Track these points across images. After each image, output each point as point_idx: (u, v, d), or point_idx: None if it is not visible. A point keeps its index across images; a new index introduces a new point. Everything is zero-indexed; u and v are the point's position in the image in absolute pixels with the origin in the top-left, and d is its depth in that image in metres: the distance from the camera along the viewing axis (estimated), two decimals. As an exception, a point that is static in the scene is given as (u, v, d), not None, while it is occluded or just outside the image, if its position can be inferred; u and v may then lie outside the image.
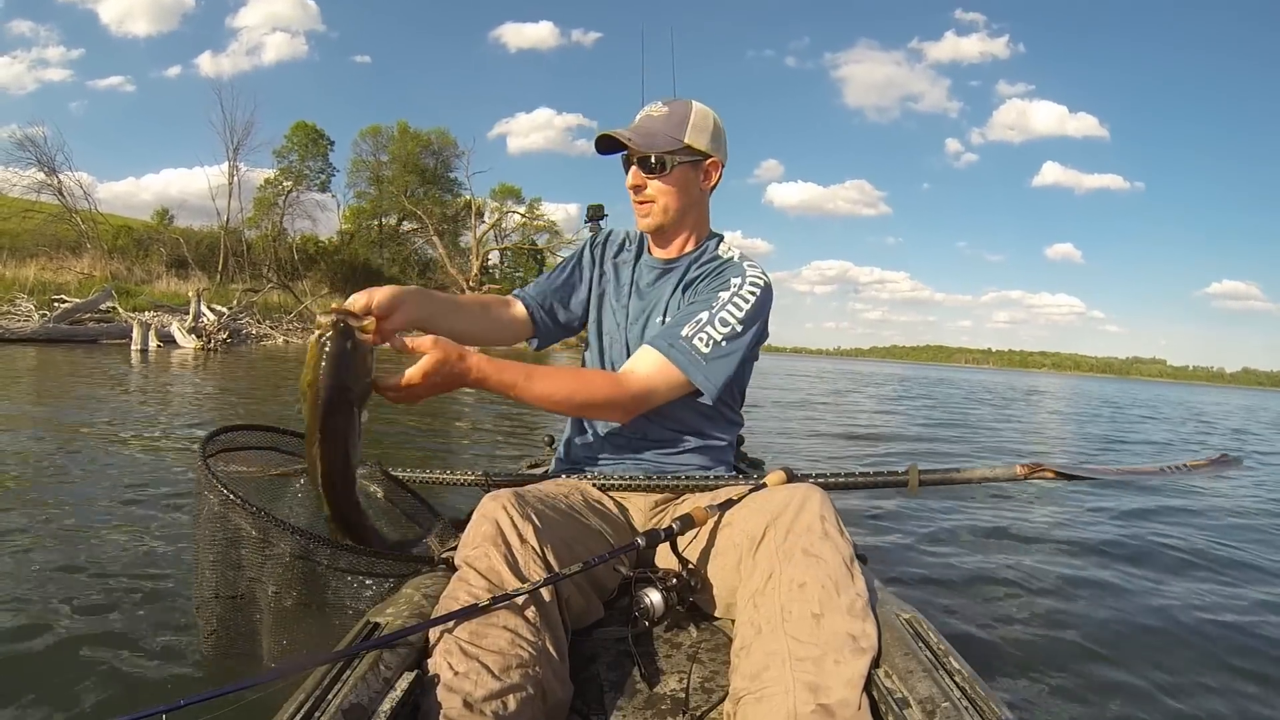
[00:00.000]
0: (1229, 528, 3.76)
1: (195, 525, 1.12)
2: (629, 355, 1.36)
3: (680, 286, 1.37)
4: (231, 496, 1.01)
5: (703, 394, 1.24)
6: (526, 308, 1.45)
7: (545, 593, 0.95)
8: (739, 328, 1.25)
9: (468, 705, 0.80)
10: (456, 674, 0.82)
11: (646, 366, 1.23)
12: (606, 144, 1.30)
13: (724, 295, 1.27)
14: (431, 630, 0.89)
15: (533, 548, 0.98)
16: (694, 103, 1.33)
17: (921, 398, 15.86)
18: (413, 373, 1.03)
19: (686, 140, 1.28)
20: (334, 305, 0.99)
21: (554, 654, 0.91)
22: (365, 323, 0.99)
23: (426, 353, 1.03)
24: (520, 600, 0.91)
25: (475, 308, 1.38)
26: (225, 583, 1.09)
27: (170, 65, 57.52)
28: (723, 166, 1.36)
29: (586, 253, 1.50)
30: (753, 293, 1.28)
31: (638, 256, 1.45)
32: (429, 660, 0.86)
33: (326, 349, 0.95)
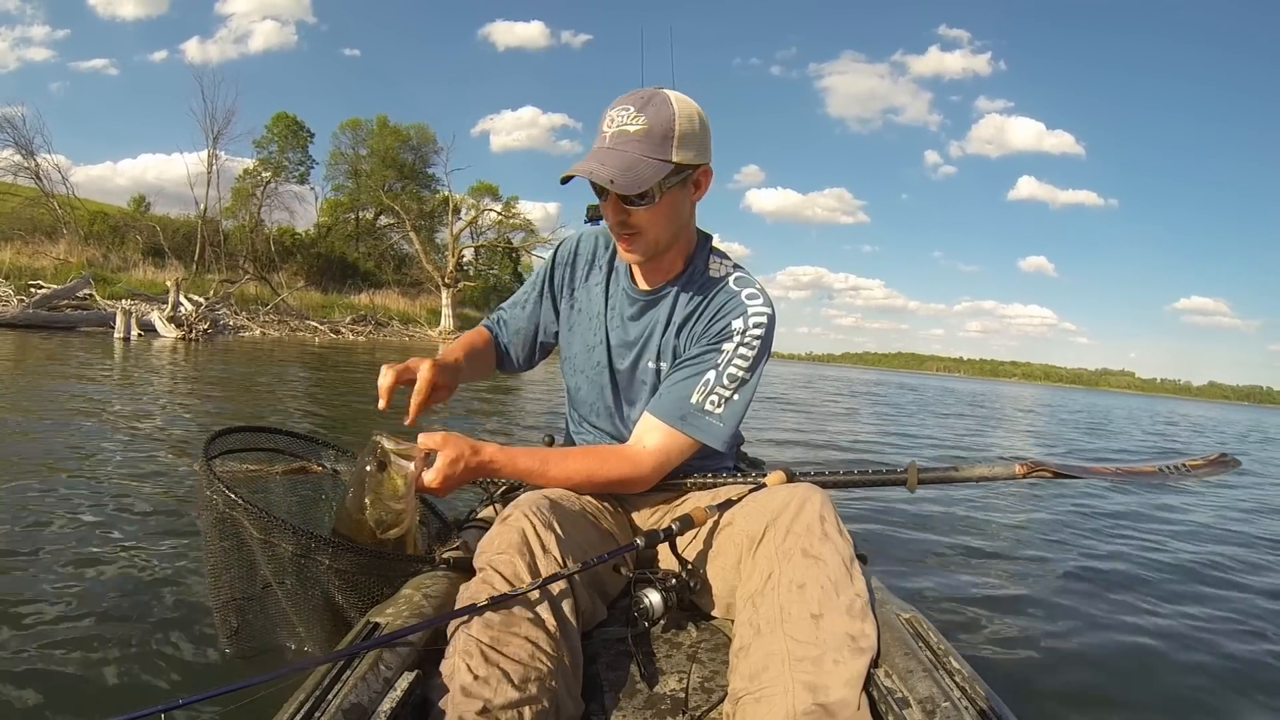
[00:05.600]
0: (1226, 530, 3.85)
1: (200, 525, 1.13)
2: (617, 395, 1.32)
3: (672, 324, 1.25)
4: (234, 498, 1.01)
5: (720, 450, 1.23)
6: (495, 343, 1.44)
7: (567, 607, 0.94)
8: (747, 375, 1.19)
9: (486, 712, 0.79)
10: (476, 678, 0.81)
11: (658, 440, 1.19)
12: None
13: (728, 347, 1.18)
14: (449, 628, 0.88)
15: (555, 558, 0.97)
16: (672, 101, 1.10)
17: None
18: (430, 477, 1.05)
19: (675, 160, 1.10)
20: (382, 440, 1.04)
21: (570, 670, 0.91)
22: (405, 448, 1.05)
23: (439, 450, 1.05)
24: (543, 613, 0.90)
25: (470, 357, 1.36)
26: (234, 583, 1.10)
27: (156, 50, 56.37)
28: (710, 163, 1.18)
29: (551, 275, 1.39)
30: (758, 337, 1.19)
31: (609, 275, 1.32)
32: (446, 661, 0.85)
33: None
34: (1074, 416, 17.78)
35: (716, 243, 1.31)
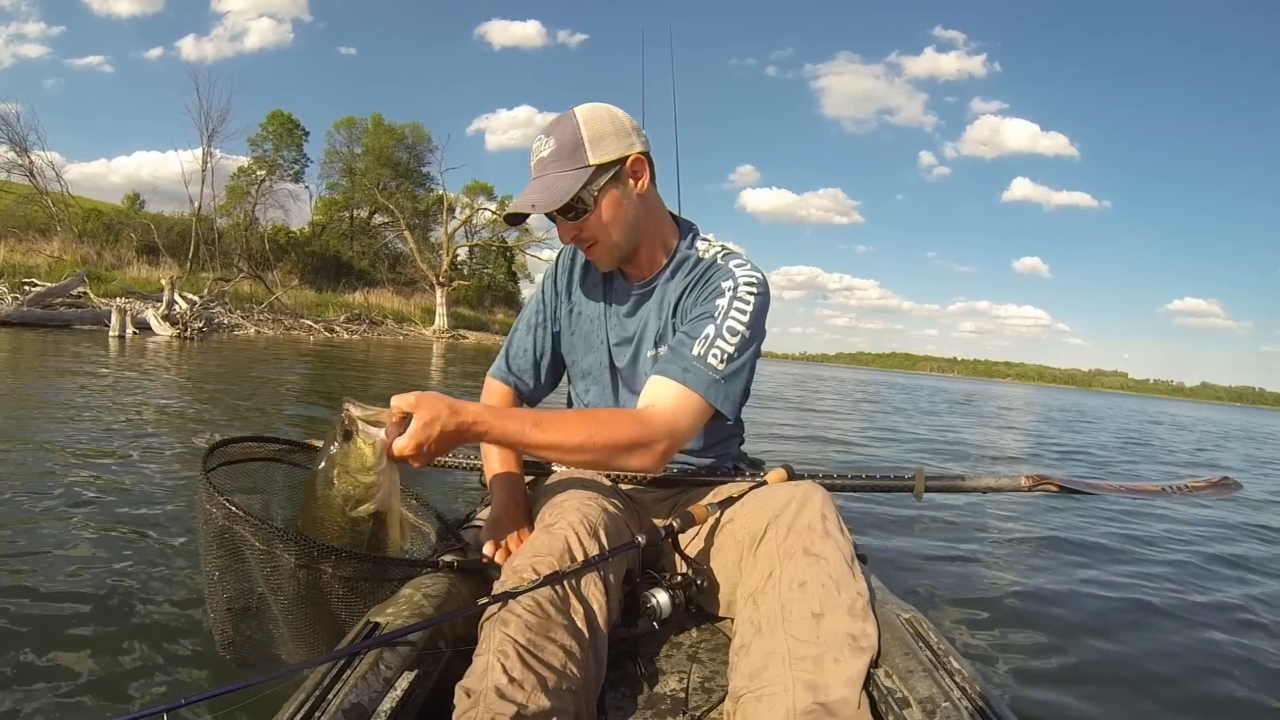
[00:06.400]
0: (1225, 536, 3.85)
1: (201, 536, 1.11)
2: (616, 395, 1.31)
3: (665, 308, 1.25)
4: (234, 510, 0.99)
5: (725, 415, 1.16)
6: (511, 389, 1.40)
7: (601, 619, 0.94)
8: (747, 333, 1.15)
9: (520, 718, 0.77)
10: (511, 680, 0.79)
11: (666, 398, 1.11)
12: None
13: (721, 302, 1.17)
14: (487, 625, 0.87)
15: (597, 571, 0.96)
16: (575, 113, 1.15)
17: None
18: (403, 443, 0.94)
19: (593, 162, 1.12)
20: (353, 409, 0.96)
21: (594, 685, 0.90)
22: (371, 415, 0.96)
23: (413, 413, 0.94)
24: (579, 622, 0.90)
25: None
26: (234, 592, 1.08)
27: (152, 47, 56.23)
28: (647, 152, 1.18)
29: (549, 289, 1.38)
30: (750, 292, 1.17)
31: (607, 279, 1.32)
32: (479, 657, 0.83)
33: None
34: (1063, 415, 17.91)
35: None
